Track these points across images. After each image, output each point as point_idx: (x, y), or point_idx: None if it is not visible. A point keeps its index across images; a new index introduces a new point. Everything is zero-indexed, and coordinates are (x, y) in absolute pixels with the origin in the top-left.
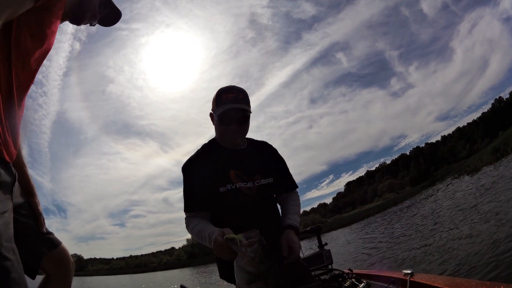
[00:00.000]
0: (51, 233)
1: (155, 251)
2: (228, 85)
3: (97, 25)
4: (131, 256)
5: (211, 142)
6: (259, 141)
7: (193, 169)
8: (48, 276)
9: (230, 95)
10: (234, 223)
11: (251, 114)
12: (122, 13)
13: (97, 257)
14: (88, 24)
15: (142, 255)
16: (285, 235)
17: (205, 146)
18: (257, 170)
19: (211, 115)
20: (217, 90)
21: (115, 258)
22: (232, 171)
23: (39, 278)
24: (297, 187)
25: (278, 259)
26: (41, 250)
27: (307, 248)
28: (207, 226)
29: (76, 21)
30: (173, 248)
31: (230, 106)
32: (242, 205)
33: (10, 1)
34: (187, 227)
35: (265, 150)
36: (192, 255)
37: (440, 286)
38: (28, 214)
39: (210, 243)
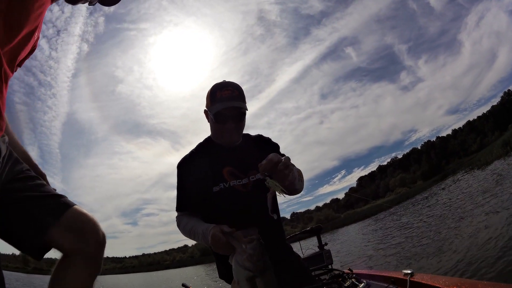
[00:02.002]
0: (61, 196)
1: (168, 249)
2: (222, 80)
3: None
4: (143, 255)
5: (206, 140)
6: (254, 135)
7: (186, 168)
8: (66, 253)
9: (225, 92)
10: (228, 222)
11: (247, 111)
12: None
13: (110, 256)
14: (87, 3)
15: (155, 253)
16: None
17: (199, 145)
18: (252, 165)
19: (205, 112)
20: (211, 86)
21: (127, 256)
22: (226, 169)
23: None
24: None
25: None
26: (44, 220)
27: (307, 248)
28: (199, 223)
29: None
30: (186, 246)
31: (226, 104)
32: (236, 204)
33: None
34: (178, 225)
35: (260, 143)
36: (205, 253)
37: (440, 286)
38: (25, 181)
39: (204, 239)
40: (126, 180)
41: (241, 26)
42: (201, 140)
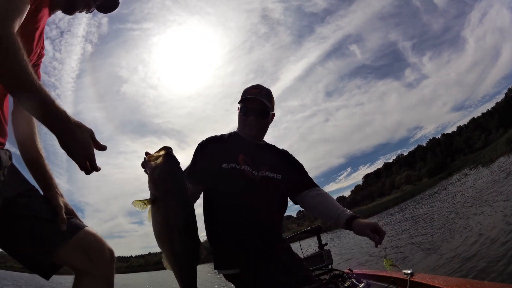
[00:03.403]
0: (71, 217)
1: None
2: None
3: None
4: (150, 254)
5: (233, 132)
6: (280, 148)
7: (205, 146)
8: (79, 274)
9: (254, 90)
10: (233, 200)
11: (273, 113)
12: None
13: (116, 255)
14: (84, 12)
15: (161, 252)
16: (362, 223)
17: (225, 133)
18: (265, 163)
19: (238, 109)
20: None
21: (133, 256)
22: (241, 155)
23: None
24: (317, 185)
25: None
26: (51, 242)
27: (307, 248)
28: None
29: (69, 10)
30: None
31: (251, 96)
32: (244, 186)
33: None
34: None
35: (283, 153)
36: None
37: (440, 286)
38: (31, 200)
39: None
40: (131, 179)
41: (245, 25)
42: None
